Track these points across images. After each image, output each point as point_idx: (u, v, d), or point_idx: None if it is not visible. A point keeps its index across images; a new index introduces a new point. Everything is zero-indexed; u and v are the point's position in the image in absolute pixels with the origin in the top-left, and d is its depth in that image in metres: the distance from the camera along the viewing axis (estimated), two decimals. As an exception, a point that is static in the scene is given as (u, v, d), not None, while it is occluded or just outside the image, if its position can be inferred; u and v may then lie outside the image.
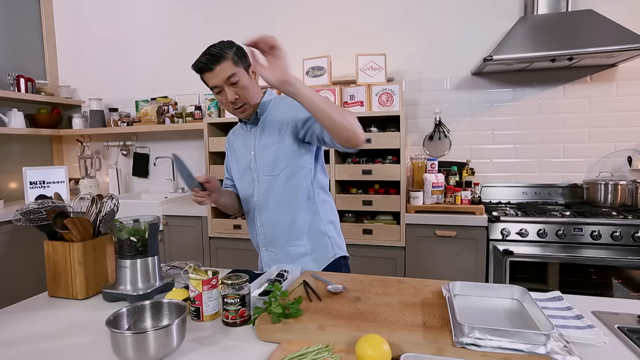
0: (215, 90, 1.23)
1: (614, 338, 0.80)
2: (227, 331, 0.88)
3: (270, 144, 1.27)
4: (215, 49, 1.20)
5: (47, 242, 1.07)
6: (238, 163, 1.39)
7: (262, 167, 1.31)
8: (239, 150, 1.38)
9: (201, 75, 1.24)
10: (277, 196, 1.30)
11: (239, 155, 1.38)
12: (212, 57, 1.19)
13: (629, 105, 2.31)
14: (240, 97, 1.22)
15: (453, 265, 2.11)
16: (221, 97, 1.24)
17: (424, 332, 0.78)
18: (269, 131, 1.29)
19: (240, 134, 1.39)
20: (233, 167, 1.42)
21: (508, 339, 0.73)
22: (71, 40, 3.32)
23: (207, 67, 1.20)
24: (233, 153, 1.42)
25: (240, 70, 1.22)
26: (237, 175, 1.40)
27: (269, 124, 1.29)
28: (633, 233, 1.87)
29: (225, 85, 1.20)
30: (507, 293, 0.94)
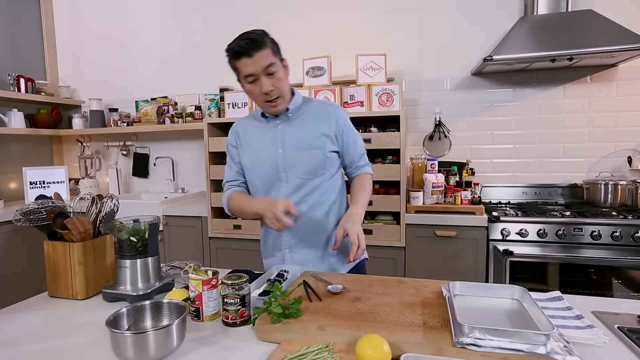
0: (249, 78, 1.17)
1: (614, 338, 0.80)
2: (227, 331, 0.88)
3: (308, 146, 1.25)
4: (254, 34, 1.14)
5: (47, 242, 1.07)
6: (253, 156, 1.31)
7: (296, 169, 1.26)
8: (256, 143, 1.30)
9: (235, 60, 1.17)
10: (309, 198, 1.27)
11: (255, 148, 1.30)
12: (253, 43, 1.12)
13: (629, 105, 2.31)
14: (276, 89, 1.18)
15: (453, 265, 2.11)
16: (254, 87, 1.18)
17: (424, 332, 0.78)
18: (306, 134, 1.26)
19: (256, 126, 1.32)
20: (245, 160, 1.33)
21: (508, 339, 0.73)
22: (71, 40, 3.32)
23: (246, 53, 1.13)
24: (245, 145, 1.33)
25: (278, 62, 1.18)
26: (251, 168, 1.32)
27: (304, 125, 1.26)
28: (633, 233, 1.87)
29: (262, 75, 1.15)
30: (507, 293, 0.94)
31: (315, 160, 1.26)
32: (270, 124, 1.29)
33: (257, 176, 1.31)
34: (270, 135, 1.29)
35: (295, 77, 2.68)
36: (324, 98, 2.30)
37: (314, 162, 1.26)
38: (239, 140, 1.36)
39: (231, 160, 1.39)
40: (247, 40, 1.13)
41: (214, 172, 2.44)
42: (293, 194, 1.27)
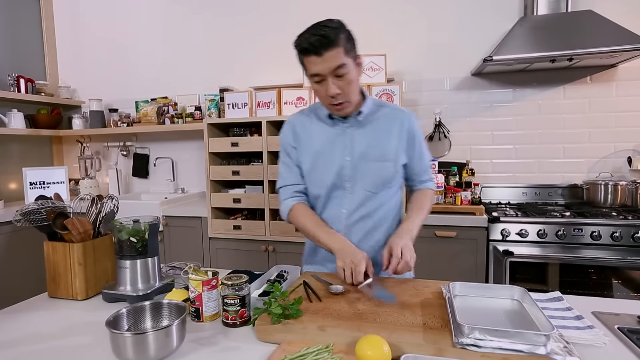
0: (315, 78, 1.06)
1: (614, 338, 0.80)
2: (227, 332, 0.88)
3: (380, 157, 1.16)
4: (327, 29, 1.01)
5: (46, 243, 1.07)
6: (315, 161, 1.19)
7: (364, 180, 1.17)
8: (320, 146, 1.18)
9: (303, 56, 1.07)
10: (375, 213, 1.19)
11: (318, 153, 1.19)
12: (324, 40, 1.01)
13: (629, 105, 2.31)
14: (343, 92, 1.07)
15: (453, 265, 2.11)
16: (320, 87, 1.08)
17: (424, 333, 0.78)
18: (378, 143, 1.16)
19: (320, 127, 1.20)
20: (305, 164, 1.21)
21: (508, 340, 0.73)
22: (71, 40, 3.33)
23: (315, 51, 1.02)
24: (306, 147, 1.20)
25: (349, 62, 1.06)
26: (312, 174, 1.21)
27: (376, 133, 1.16)
28: (633, 233, 1.87)
29: (329, 76, 1.04)
30: (507, 294, 0.94)
31: (386, 174, 1.17)
32: (337, 127, 1.18)
33: (318, 183, 1.20)
34: (337, 139, 1.17)
35: (295, 79, 2.69)
36: (324, 98, 2.30)
37: (384, 175, 1.17)
38: (295, 140, 1.23)
39: (290, 160, 1.24)
40: (319, 36, 1.01)
41: (214, 173, 2.44)
42: (358, 207, 1.18)
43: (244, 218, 2.48)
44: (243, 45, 2.92)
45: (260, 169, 2.34)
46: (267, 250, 2.36)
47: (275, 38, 2.85)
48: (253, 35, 2.90)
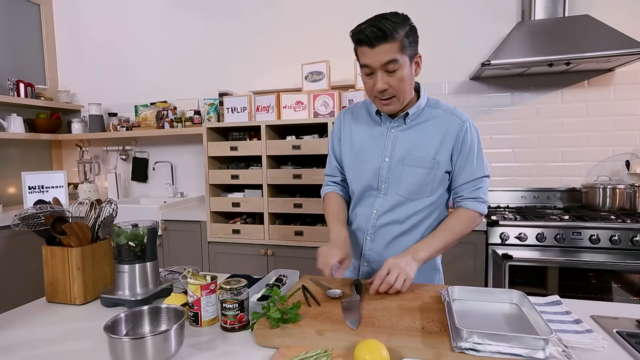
0: (365, 69, 1.04)
1: (613, 342, 0.80)
2: (226, 336, 0.88)
3: (419, 163, 1.11)
4: (386, 22, 0.99)
5: (45, 247, 1.07)
6: (354, 157, 1.20)
7: (399, 184, 1.13)
8: (361, 142, 1.18)
9: (357, 46, 1.05)
10: (407, 221, 1.15)
11: (358, 149, 1.18)
12: (379, 33, 0.98)
13: (626, 109, 2.33)
14: (392, 88, 1.03)
15: (452, 269, 2.10)
16: (369, 80, 1.05)
17: (423, 337, 0.78)
18: (421, 147, 1.11)
19: (366, 121, 1.19)
20: (345, 157, 1.22)
21: (507, 344, 0.73)
22: (71, 45, 3.34)
23: (368, 42, 0.99)
24: (349, 141, 1.20)
25: (404, 59, 1.02)
26: (350, 169, 1.22)
27: (421, 136, 1.11)
28: (632, 237, 1.87)
29: (379, 70, 1.02)
30: (505, 297, 0.94)
31: (423, 180, 1.11)
32: (382, 126, 1.16)
33: (356, 180, 1.20)
34: (379, 138, 1.15)
35: (293, 83, 2.70)
36: (322, 103, 2.31)
37: (421, 182, 1.11)
38: (343, 132, 1.23)
39: (331, 151, 1.28)
40: (375, 28, 0.98)
41: (213, 177, 2.44)
42: (388, 211, 1.15)
43: (243, 222, 2.48)
44: (242, 50, 2.94)
45: (260, 173, 2.34)
46: (266, 254, 2.36)
47: (274, 42, 2.86)
48: (252, 40, 2.91)
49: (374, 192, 1.17)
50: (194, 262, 2.52)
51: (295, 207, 2.29)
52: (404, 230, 1.16)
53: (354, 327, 0.83)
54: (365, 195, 1.20)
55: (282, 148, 2.31)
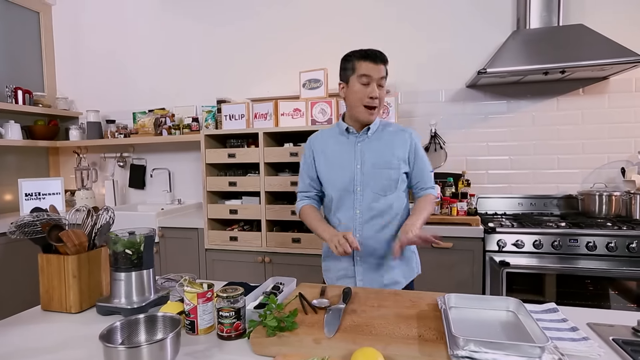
0: (363, 79, 1.32)
1: (609, 350, 0.80)
2: (222, 345, 0.88)
3: (385, 166, 1.38)
4: (380, 52, 1.35)
5: (41, 255, 1.07)
6: (330, 168, 1.44)
7: (372, 184, 1.38)
8: (335, 156, 1.43)
9: (359, 60, 1.34)
10: (384, 214, 1.38)
11: (333, 161, 1.43)
12: (382, 55, 1.34)
13: (621, 117, 2.35)
14: (378, 99, 1.34)
15: (450, 276, 2.10)
16: (364, 88, 1.33)
17: (420, 345, 0.78)
18: (384, 154, 1.38)
19: (336, 140, 1.45)
20: (321, 169, 1.46)
21: (503, 352, 0.73)
22: (69, 52, 3.35)
23: (373, 58, 1.32)
24: (323, 156, 1.45)
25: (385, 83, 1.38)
26: (328, 179, 1.44)
27: (382, 146, 1.39)
28: (628, 244, 1.87)
29: (374, 82, 1.32)
30: (502, 305, 0.94)
31: (390, 178, 1.38)
32: (350, 140, 1.42)
33: (333, 186, 1.43)
34: (349, 150, 1.41)
35: (292, 89, 2.72)
36: (320, 110, 2.32)
37: (389, 180, 1.38)
38: (315, 153, 1.48)
39: (303, 171, 1.52)
40: (378, 52, 1.34)
41: (210, 184, 2.44)
42: (369, 208, 1.38)
43: (240, 229, 2.47)
44: (240, 57, 2.96)
45: (257, 180, 2.35)
46: (263, 261, 2.36)
47: (272, 50, 2.88)
48: (250, 47, 2.93)
49: (350, 194, 1.40)
50: (191, 270, 2.51)
51: (293, 214, 2.29)
52: (386, 221, 1.39)
53: (330, 335, 0.84)
54: (344, 199, 1.41)
55: (280, 155, 2.31)
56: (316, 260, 2.27)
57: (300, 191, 1.54)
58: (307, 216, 1.46)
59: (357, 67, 1.33)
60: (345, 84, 1.39)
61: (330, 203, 1.45)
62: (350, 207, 1.39)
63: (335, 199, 1.42)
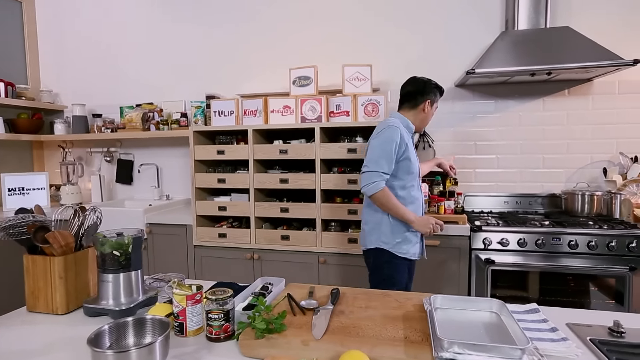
0: (436, 107, 1.86)
1: (586, 350, 0.83)
2: (211, 347, 0.88)
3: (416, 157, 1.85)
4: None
5: (26, 256, 1.05)
6: (414, 158, 1.78)
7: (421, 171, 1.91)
8: (412, 149, 1.78)
9: (440, 95, 1.86)
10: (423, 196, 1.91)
11: (413, 151, 1.78)
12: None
13: (604, 118, 2.40)
14: None
15: (437, 273, 2.14)
16: (434, 112, 1.86)
17: (405, 347, 0.80)
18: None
19: (408, 137, 1.77)
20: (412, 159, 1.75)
21: (486, 354, 0.75)
22: (54, 44, 3.27)
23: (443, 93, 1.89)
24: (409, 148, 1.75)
25: None
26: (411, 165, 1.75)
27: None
28: (608, 242, 1.93)
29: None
30: (486, 306, 0.97)
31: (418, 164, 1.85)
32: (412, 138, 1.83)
33: (413, 173, 1.77)
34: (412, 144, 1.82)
35: (282, 87, 2.71)
36: (310, 107, 2.32)
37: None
38: (404, 142, 1.71)
39: (391, 154, 1.69)
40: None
41: (199, 181, 2.43)
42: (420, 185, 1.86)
43: (229, 226, 2.47)
44: (230, 53, 2.93)
45: (246, 177, 2.34)
46: (252, 258, 2.36)
47: (263, 46, 2.86)
48: (240, 43, 2.91)
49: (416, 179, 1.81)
50: (180, 266, 2.50)
51: (282, 211, 2.29)
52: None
53: (318, 337, 0.85)
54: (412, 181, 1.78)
55: (269, 152, 2.31)
56: (305, 257, 2.28)
57: (384, 172, 1.68)
58: (391, 198, 1.69)
59: (437, 99, 1.84)
60: (430, 106, 1.81)
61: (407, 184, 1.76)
62: (418, 189, 1.81)
63: (410, 181, 1.76)
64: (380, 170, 1.68)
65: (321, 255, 2.25)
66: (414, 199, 1.79)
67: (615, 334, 0.90)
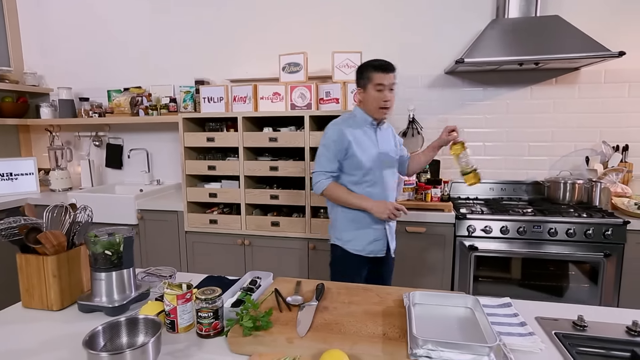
0: (378, 87, 1.63)
1: (550, 344, 0.90)
2: (201, 343, 0.93)
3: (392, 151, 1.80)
4: (390, 62, 1.66)
5: (19, 255, 1.08)
6: (362, 152, 1.70)
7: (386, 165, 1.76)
8: (364, 142, 1.71)
9: (374, 72, 1.63)
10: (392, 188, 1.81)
11: (364, 146, 1.71)
12: (390, 65, 1.65)
13: (589, 107, 2.44)
14: (390, 101, 1.66)
15: (422, 259, 2.22)
16: (379, 94, 1.64)
17: (383, 344, 0.86)
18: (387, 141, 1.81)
19: (361, 129, 1.73)
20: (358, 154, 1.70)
21: (457, 350, 0.81)
22: (36, 23, 3.17)
23: (386, 69, 1.62)
24: (355, 143, 1.69)
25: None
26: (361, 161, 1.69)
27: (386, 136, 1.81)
28: (585, 230, 2.01)
29: (387, 88, 1.63)
30: (461, 302, 1.03)
31: (394, 160, 1.82)
32: (371, 129, 1.75)
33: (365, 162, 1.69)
34: (372, 137, 1.74)
35: (271, 72, 2.68)
36: (300, 94, 2.32)
37: (394, 161, 1.81)
38: (345, 139, 1.68)
39: (333, 155, 1.70)
40: (388, 62, 1.65)
41: (189, 168, 2.44)
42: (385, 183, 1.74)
43: (220, 212, 2.50)
44: (219, 37, 2.87)
45: (237, 165, 2.36)
46: (243, 244, 2.41)
47: (253, 31, 2.81)
48: (230, 27, 2.85)
49: (374, 172, 1.72)
50: (172, 251, 2.54)
51: (272, 198, 2.33)
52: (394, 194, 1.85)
53: (302, 335, 0.90)
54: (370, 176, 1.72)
55: (259, 140, 2.32)
56: (294, 242, 2.34)
57: (326, 171, 1.72)
58: (338, 189, 1.70)
59: (373, 77, 1.63)
60: (363, 90, 1.69)
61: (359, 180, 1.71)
62: (379, 185, 1.73)
63: (362, 177, 1.71)
64: (322, 170, 1.71)
65: (310, 241, 2.31)
66: (371, 195, 1.71)
67: (578, 327, 0.97)
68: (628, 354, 0.87)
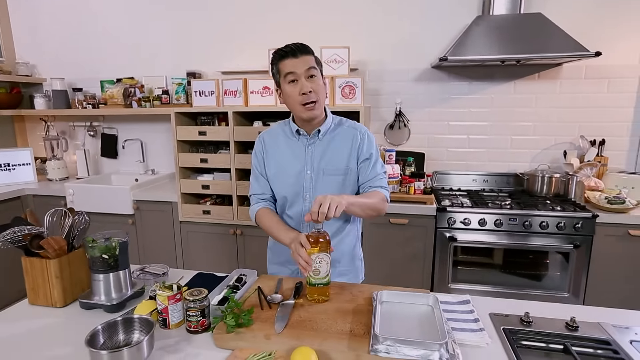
0: (289, 77, 1.22)
1: (497, 339, 1.02)
2: (191, 338, 1.05)
3: (334, 172, 1.32)
4: (300, 44, 1.23)
5: (24, 258, 1.18)
6: (279, 170, 1.37)
7: (320, 191, 1.30)
8: (285, 158, 1.36)
9: (280, 61, 1.23)
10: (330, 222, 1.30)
11: (283, 163, 1.36)
12: (299, 47, 1.22)
13: (570, 102, 2.52)
14: (314, 92, 1.22)
15: (404, 249, 2.34)
16: (294, 88, 1.22)
17: (349, 341, 0.97)
18: (334, 159, 1.32)
19: (285, 140, 1.36)
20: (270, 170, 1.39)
21: (412, 347, 0.93)
22: (27, 11, 3.16)
23: (292, 53, 1.20)
24: (272, 156, 1.38)
25: (318, 71, 1.25)
26: (275, 180, 1.38)
27: (333, 149, 1.32)
28: (557, 223, 2.13)
29: (302, 76, 1.21)
30: (423, 301, 1.14)
31: (341, 186, 1.33)
32: (300, 142, 1.35)
33: (281, 189, 1.38)
34: (299, 154, 1.34)
35: (262, 65, 2.72)
36: (288, 90, 2.37)
37: (339, 188, 1.33)
38: (264, 150, 1.40)
39: (256, 171, 1.42)
40: (293, 45, 1.22)
41: (182, 160, 2.52)
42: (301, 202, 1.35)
43: (212, 202, 2.60)
44: (211, 29, 2.89)
45: (228, 158, 2.44)
46: (235, 233, 2.53)
47: (244, 23, 2.83)
48: (221, 19, 2.86)
49: (300, 200, 1.36)
50: (166, 241, 2.66)
51: (263, 191, 2.43)
52: (335, 228, 1.38)
53: (279, 332, 1.01)
54: (293, 204, 1.38)
55: (249, 134, 2.40)
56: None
57: (254, 193, 1.44)
58: (264, 220, 1.37)
59: (281, 68, 1.24)
60: (280, 89, 1.29)
61: (284, 201, 1.40)
62: (299, 212, 1.36)
63: (281, 203, 1.40)
64: (252, 193, 1.45)
65: (299, 231, 2.42)
66: (289, 219, 1.40)
67: (524, 323, 1.09)
68: (561, 346, 1.00)
